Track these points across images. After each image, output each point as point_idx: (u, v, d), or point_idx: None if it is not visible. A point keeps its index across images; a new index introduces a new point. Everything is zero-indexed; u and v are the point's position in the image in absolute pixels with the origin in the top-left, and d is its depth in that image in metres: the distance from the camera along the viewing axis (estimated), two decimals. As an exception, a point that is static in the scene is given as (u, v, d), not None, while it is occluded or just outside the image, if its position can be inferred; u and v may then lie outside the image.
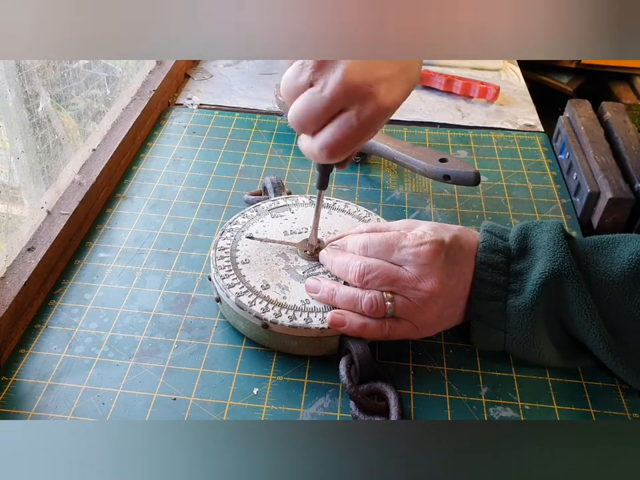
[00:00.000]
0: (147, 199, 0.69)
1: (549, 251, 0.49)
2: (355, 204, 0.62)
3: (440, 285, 0.48)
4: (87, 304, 0.56)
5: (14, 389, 0.49)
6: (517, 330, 0.49)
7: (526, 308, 0.48)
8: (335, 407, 0.48)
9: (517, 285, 0.49)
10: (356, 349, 0.48)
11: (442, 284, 0.48)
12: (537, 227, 0.51)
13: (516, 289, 0.49)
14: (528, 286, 0.48)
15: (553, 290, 0.48)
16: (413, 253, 0.48)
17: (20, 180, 0.60)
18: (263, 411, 0.48)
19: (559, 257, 0.48)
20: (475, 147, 0.79)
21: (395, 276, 0.48)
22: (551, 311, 0.49)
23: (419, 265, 0.48)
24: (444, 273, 0.48)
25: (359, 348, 0.48)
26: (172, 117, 0.84)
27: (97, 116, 0.73)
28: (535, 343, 0.49)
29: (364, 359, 0.48)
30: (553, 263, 0.48)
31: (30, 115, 0.59)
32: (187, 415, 0.47)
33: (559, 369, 0.51)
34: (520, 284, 0.49)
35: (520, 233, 0.51)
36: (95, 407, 0.48)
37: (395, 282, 0.48)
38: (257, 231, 0.58)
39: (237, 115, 0.85)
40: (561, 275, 0.47)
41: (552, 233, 0.50)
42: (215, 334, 0.54)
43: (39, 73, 0.60)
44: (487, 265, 0.50)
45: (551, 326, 0.49)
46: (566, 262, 0.48)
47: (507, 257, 0.50)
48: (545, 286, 0.48)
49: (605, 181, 0.65)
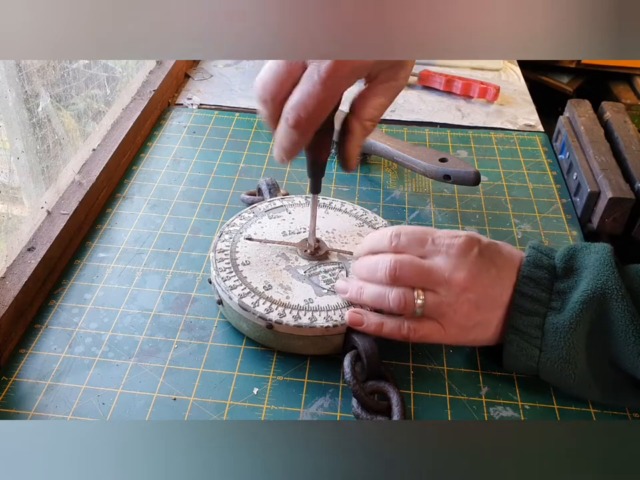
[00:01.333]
0: (147, 199, 0.69)
1: (594, 270, 0.46)
2: (352, 203, 0.62)
3: (471, 278, 0.46)
4: (86, 304, 0.56)
5: (14, 389, 0.49)
6: (553, 349, 0.46)
7: (564, 326, 0.46)
8: (335, 407, 0.48)
9: (559, 304, 0.47)
10: (363, 346, 0.48)
11: (474, 278, 0.46)
12: (585, 248, 0.49)
13: (557, 307, 0.47)
14: (569, 304, 0.46)
15: (596, 310, 0.45)
16: (447, 244, 0.47)
17: (20, 180, 0.60)
18: (263, 410, 0.48)
19: (603, 276, 0.46)
20: (475, 147, 0.79)
21: (427, 270, 0.47)
22: (593, 333, 0.46)
23: (452, 256, 0.47)
24: (476, 268, 0.47)
25: (367, 344, 0.48)
26: (172, 117, 0.84)
27: (97, 116, 0.73)
28: (570, 365, 0.46)
29: (372, 356, 0.47)
30: (596, 281, 0.46)
31: (30, 114, 0.59)
32: (186, 415, 0.47)
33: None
34: (561, 302, 0.47)
35: (567, 253, 0.49)
36: (95, 407, 0.48)
37: (426, 277, 0.47)
38: (255, 232, 0.58)
39: (237, 115, 0.85)
40: (604, 294, 0.45)
41: (599, 254, 0.48)
42: (215, 334, 0.54)
43: (39, 73, 0.60)
44: (529, 279, 0.48)
45: (592, 350, 0.46)
46: (610, 280, 0.45)
47: (552, 274, 0.48)
48: (586, 304, 0.45)
49: (605, 180, 0.65)
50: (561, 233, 0.66)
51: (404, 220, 0.67)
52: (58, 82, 0.65)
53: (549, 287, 0.48)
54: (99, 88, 0.74)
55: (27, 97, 0.59)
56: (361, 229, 0.59)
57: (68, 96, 0.68)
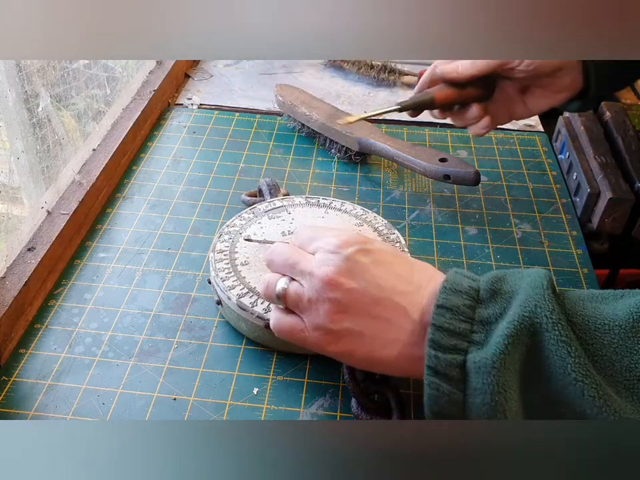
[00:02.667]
0: (147, 199, 0.69)
1: (523, 294, 0.38)
2: (352, 203, 0.62)
3: (337, 274, 0.42)
4: (87, 304, 0.56)
5: (14, 389, 0.49)
6: (477, 392, 0.37)
7: (487, 365, 0.36)
8: (335, 407, 0.48)
9: (482, 336, 0.38)
10: None
11: (341, 275, 0.42)
12: (517, 272, 0.41)
13: (479, 341, 0.38)
14: (493, 337, 0.37)
15: (526, 343, 0.37)
16: (328, 240, 0.44)
17: (20, 180, 0.60)
18: (263, 410, 0.48)
19: (532, 301, 0.37)
20: (475, 147, 0.79)
21: (296, 259, 0.44)
22: (526, 372, 0.37)
23: (326, 251, 0.43)
24: (348, 266, 0.42)
25: None
26: (172, 117, 0.84)
27: (97, 116, 0.73)
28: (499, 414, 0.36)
29: None
30: (523, 308, 0.37)
31: (30, 114, 0.59)
32: (187, 415, 0.47)
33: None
34: (485, 335, 0.38)
35: (495, 275, 0.41)
36: (95, 407, 0.48)
37: (292, 266, 0.44)
38: (254, 233, 0.58)
39: (237, 115, 0.85)
40: (533, 323, 0.36)
41: (531, 277, 0.39)
42: (215, 334, 0.54)
43: (39, 73, 0.60)
44: (445, 308, 0.39)
45: (527, 394, 0.37)
46: (540, 306, 0.37)
47: (473, 299, 0.40)
48: (513, 337, 0.36)
49: (605, 180, 0.65)
50: (561, 233, 0.66)
51: (404, 220, 0.67)
52: (58, 82, 0.65)
53: (469, 315, 0.39)
54: (99, 88, 0.74)
55: (26, 97, 0.59)
56: (361, 229, 0.59)
57: (68, 96, 0.68)
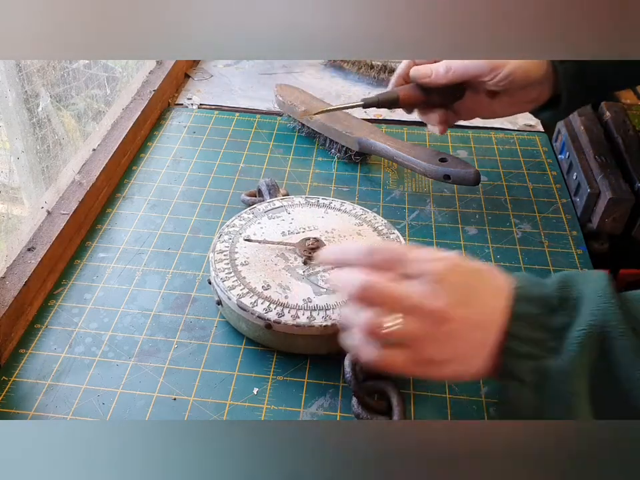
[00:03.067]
0: (147, 199, 0.69)
1: (591, 302, 0.39)
2: (352, 203, 0.63)
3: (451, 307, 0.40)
4: (87, 304, 0.56)
5: (14, 389, 0.49)
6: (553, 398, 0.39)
7: (563, 371, 0.38)
8: (335, 407, 0.48)
9: (556, 343, 0.39)
10: None
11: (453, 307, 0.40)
12: (579, 275, 0.42)
13: (554, 347, 0.39)
14: (567, 345, 0.39)
15: (596, 351, 0.38)
16: (425, 268, 0.41)
17: (20, 180, 0.60)
18: (263, 410, 0.48)
19: (601, 310, 0.39)
20: (475, 147, 0.79)
21: (400, 295, 0.40)
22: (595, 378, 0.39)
23: (430, 282, 0.40)
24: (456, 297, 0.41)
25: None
26: (172, 117, 0.84)
27: (97, 116, 0.73)
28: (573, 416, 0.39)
29: None
30: (592, 317, 0.38)
31: (30, 114, 0.59)
32: (187, 415, 0.47)
33: None
34: (559, 341, 0.39)
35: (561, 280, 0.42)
36: (95, 407, 0.48)
37: (399, 302, 0.40)
38: (254, 233, 0.58)
39: (236, 115, 0.85)
40: (603, 332, 0.38)
41: (596, 283, 0.40)
42: (215, 334, 0.54)
43: (39, 73, 0.60)
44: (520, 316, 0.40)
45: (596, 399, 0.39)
46: (609, 315, 0.38)
47: (545, 307, 0.41)
48: (584, 345, 0.38)
49: (605, 181, 0.65)
50: (561, 233, 0.66)
51: (404, 220, 0.67)
52: (58, 82, 0.65)
53: (543, 324, 0.40)
54: (99, 88, 0.74)
55: (27, 97, 0.59)
56: (361, 229, 0.59)
57: (68, 96, 0.68)
